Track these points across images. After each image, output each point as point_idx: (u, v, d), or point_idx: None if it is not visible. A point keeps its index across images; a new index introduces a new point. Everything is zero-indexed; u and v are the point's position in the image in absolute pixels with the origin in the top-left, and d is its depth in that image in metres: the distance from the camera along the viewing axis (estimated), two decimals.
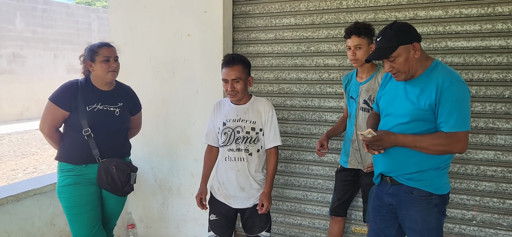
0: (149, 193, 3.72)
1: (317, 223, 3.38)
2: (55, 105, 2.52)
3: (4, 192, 2.79)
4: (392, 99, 2.18)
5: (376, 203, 2.32)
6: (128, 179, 2.63)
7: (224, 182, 2.57)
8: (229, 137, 2.53)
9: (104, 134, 2.57)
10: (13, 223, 2.81)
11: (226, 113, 2.56)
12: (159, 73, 3.53)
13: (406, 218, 2.17)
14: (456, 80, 1.98)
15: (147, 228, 3.77)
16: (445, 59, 2.87)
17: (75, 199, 2.54)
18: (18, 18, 13.82)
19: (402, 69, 2.03)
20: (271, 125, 2.54)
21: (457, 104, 1.96)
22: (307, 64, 3.27)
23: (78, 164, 2.55)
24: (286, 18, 3.29)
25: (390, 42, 2.02)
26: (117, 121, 2.64)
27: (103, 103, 2.59)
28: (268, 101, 2.62)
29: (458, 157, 2.90)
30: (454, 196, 2.94)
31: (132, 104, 2.82)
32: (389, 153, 2.13)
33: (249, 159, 2.52)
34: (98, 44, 2.63)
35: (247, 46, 3.44)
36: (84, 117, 2.51)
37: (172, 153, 3.57)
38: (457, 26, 2.84)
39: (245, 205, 2.58)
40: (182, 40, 3.42)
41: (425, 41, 2.90)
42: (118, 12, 3.64)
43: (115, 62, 2.60)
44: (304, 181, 3.38)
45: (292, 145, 3.38)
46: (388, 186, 2.21)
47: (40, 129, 2.59)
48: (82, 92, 2.55)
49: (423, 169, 2.07)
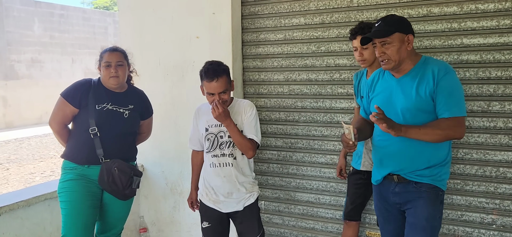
0: (161, 197, 3.70)
1: (330, 227, 3.31)
2: (66, 101, 2.55)
3: (15, 197, 2.80)
4: (387, 99, 2.17)
5: (383, 205, 2.30)
6: (130, 183, 2.61)
7: (213, 188, 2.52)
8: (212, 143, 2.47)
9: (110, 134, 2.57)
10: (25, 228, 2.82)
11: (208, 118, 2.47)
12: (169, 76, 3.51)
13: (411, 214, 2.16)
14: (450, 70, 2.08)
15: (159, 232, 3.75)
16: (461, 57, 2.77)
17: (74, 195, 2.52)
18: (36, 24, 14.08)
19: (393, 57, 2.07)
20: (251, 120, 2.43)
21: (455, 91, 2.05)
22: (318, 64, 3.20)
23: (82, 164, 2.55)
24: (295, 18, 3.22)
25: (389, 26, 2.08)
26: (125, 123, 2.63)
27: (114, 103, 2.60)
28: (249, 102, 2.54)
29: (477, 158, 2.79)
30: (473, 200, 2.83)
31: (143, 108, 2.81)
32: (399, 152, 2.14)
33: (234, 164, 2.46)
34: (105, 49, 2.64)
35: (256, 47, 3.39)
36: (92, 115, 2.52)
37: (182, 156, 3.54)
38: (473, 23, 2.73)
39: (235, 208, 2.51)
40: (191, 42, 3.39)
41: (440, 38, 2.81)
42: (128, 15, 3.64)
43: (117, 67, 2.59)
44: (317, 184, 3.31)
45: (304, 147, 3.31)
46: (394, 185, 2.20)
47: (49, 124, 2.61)
48: (93, 90, 2.59)
49: (432, 164, 2.12)
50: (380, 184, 2.28)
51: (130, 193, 2.66)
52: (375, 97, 2.25)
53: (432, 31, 2.82)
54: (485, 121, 2.76)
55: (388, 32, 2.06)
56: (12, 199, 2.77)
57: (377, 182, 2.29)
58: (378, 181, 2.28)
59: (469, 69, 2.76)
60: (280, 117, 3.38)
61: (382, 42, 2.07)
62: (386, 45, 2.07)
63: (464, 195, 2.85)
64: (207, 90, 2.39)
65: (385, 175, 2.24)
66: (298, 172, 3.36)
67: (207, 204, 2.55)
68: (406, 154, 2.13)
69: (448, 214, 2.88)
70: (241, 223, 2.54)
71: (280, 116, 3.37)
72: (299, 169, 3.36)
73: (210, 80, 2.35)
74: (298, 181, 3.37)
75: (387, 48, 2.07)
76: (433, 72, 2.05)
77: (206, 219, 2.58)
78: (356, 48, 2.64)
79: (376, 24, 2.13)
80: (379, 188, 2.30)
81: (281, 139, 3.38)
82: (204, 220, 2.59)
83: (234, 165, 2.46)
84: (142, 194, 3.77)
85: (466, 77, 2.76)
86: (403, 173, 2.16)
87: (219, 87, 2.35)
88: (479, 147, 2.79)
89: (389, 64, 2.10)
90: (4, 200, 2.77)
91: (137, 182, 2.69)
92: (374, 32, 2.11)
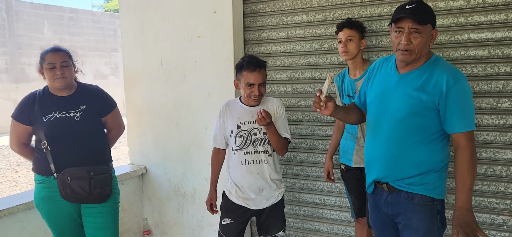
0: (164, 199, 3.67)
1: (335, 229, 3.23)
2: (16, 122, 2.46)
3: (15, 200, 2.79)
4: (383, 93, 2.00)
5: (377, 216, 2.13)
6: (94, 185, 2.40)
7: (242, 186, 2.48)
8: (245, 140, 2.44)
9: (63, 144, 2.42)
10: (25, 232, 2.80)
11: (239, 115, 2.47)
12: (171, 76, 3.47)
13: (406, 229, 1.97)
14: (461, 77, 1.87)
15: (162, 234, 3.72)
16: (468, 53, 2.68)
17: (52, 217, 2.49)
18: (46, 27, 14.21)
19: (417, 49, 1.85)
20: (282, 119, 2.48)
21: (467, 102, 1.87)
22: (321, 62, 3.13)
23: (47, 176, 2.45)
24: (297, 15, 3.16)
25: (426, 13, 1.86)
26: (78, 128, 2.44)
27: (62, 110, 2.44)
28: (279, 99, 2.55)
29: (486, 157, 2.70)
30: (482, 200, 2.74)
31: (99, 105, 2.58)
32: (385, 154, 1.96)
33: (268, 160, 2.46)
34: (45, 50, 2.47)
35: (258, 45, 3.33)
36: (41, 128, 2.41)
37: (185, 157, 3.50)
38: (480, 17, 2.64)
39: (264, 205, 2.50)
40: (192, 42, 3.34)
41: (446, 34, 2.72)
42: (130, 16, 3.61)
43: (63, 68, 2.42)
44: (321, 185, 3.24)
45: (308, 147, 3.25)
46: (385, 194, 2.02)
47: (10, 147, 2.53)
48: (39, 102, 2.44)
49: (424, 171, 1.91)
50: (373, 192, 2.10)
51: (101, 193, 2.45)
52: (372, 88, 2.08)
53: (438, 26, 2.69)
54: (494, 119, 2.66)
55: (424, 20, 1.83)
56: (12, 202, 2.76)
57: (370, 191, 2.11)
58: (370, 188, 2.10)
59: (476, 65, 2.67)
60: None
61: (414, 29, 1.82)
62: (416, 33, 1.82)
63: (473, 195, 2.72)
64: (247, 80, 2.37)
65: (373, 182, 2.06)
66: (303, 172, 3.29)
67: (235, 201, 2.52)
68: (391, 158, 1.95)
69: None
70: (266, 219, 2.53)
71: None
72: (303, 170, 3.29)
73: (253, 70, 2.35)
74: (303, 182, 3.31)
75: (415, 38, 1.82)
76: (442, 80, 1.84)
77: (229, 216, 2.54)
78: (340, 40, 2.65)
79: (408, 5, 1.84)
80: (373, 197, 2.12)
81: None
82: (226, 216, 2.55)
83: (269, 161, 2.46)
84: (145, 196, 3.75)
85: (474, 73, 2.67)
86: (391, 180, 1.96)
87: (261, 78, 2.37)
88: (488, 146, 2.69)
89: (410, 56, 1.86)
90: (4, 203, 2.76)
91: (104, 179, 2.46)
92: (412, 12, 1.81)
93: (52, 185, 2.44)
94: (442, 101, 1.85)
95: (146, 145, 3.68)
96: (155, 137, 3.63)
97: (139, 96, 3.64)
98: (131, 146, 3.75)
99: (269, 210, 2.52)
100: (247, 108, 2.48)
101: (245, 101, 2.49)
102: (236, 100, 2.55)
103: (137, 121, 3.67)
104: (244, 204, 2.50)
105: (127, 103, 3.70)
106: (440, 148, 1.95)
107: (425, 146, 1.92)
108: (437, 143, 1.94)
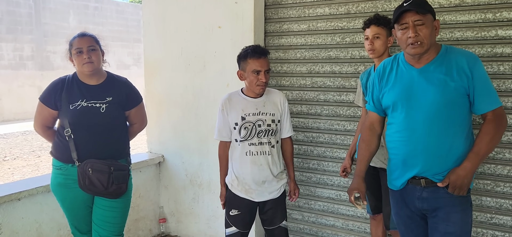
0: (180, 188, 3.69)
1: (351, 225, 3.20)
2: (43, 104, 2.47)
3: (34, 183, 2.84)
4: (407, 91, 1.96)
5: (405, 212, 2.09)
6: (113, 180, 2.40)
7: (245, 177, 2.48)
8: (250, 131, 2.44)
9: (86, 134, 2.42)
10: (44, 214, 2.86)
11: (243, 107, 2.46)
12: (191, 66, 3.48)
13: (443, 222, 1.95)
14: (475, 56, 1.94)
15: (178, 222, 3.75)
16: (495, 50, 2.60)
17: (66, 202, 2.51)
18: (71, 16, 14.45)
19: (425, 40, 1.88)
20: (287, 115, 2.55)
21: (489, 80, 1.91)
22: (342, 56, 3.09)
23: (66, 163, 2.46)
24: (320, 7, 3.12)
25: (424, 4, 1.91)
26: (103, 119, 2.44)
27: (89, 99, 2.43)
28: (281, 93, 2.58)
29: (509, 158, 2.62)
30: (504, 202, 2.66)
31: (125, 98, 2.56)
32: (426, 149, 1.93)
33: (272, 152, 2.46)
34: (73, 36, 2.48)
35: (279, 38, 3.30)
36: (66, 116, 2.41)
37: (202, 148, 3.51)
38: (509, 13, 2.55)
39: (267, 197, 2.51)
40: (213, 32, 3.34)
41: (473, 30, 2.64)
42: (152, 5, 3.63)
43: (90, 52, 2.41)
44: (338, 180, 3.20)
45: (325, 141, 3.21)
46: (420, 189, 1.98)
47: (34, 127, 2.56)
48: (67, 89, 2.44)
49: (461, 160, 1.91)
50: (403, 189, 2.06)
51: (117, 190, 2.45)
52: (391, 90, 2.03)
53: (464, 21, 2.66)
54: None
55: (424, 10, 1.88)
56: (32, 184, 2.81)
57: (399, 187, 2.07)
58: (402, 185, 2.05)
59: (503, 63, 2.58)
60: (301, 110, 3.28)
61: (417, 21, 1.86)
62: (420, 25, 1.86)
63: (494, 196, 2.68)
64: (254, 67, 2.39)
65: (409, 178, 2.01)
66: (319, 167, 3.26)
67: (238, 193, 2.52)
68: (433, 152, 1.92)
69: (476, 216, 2.72)
70: (268, 210, 2.54)
71: (302, 109, 3.28)
72: (320, 164, 3.26)
73: (259, 56, 2.39)
74: (319, 177, 3.27)
75: (421, 29, 1.86)
76: (462, 63, 1.88)
77: (236, 207, 2.54)
78: (367, 37, 2.58)
79: (406, 2, 1.89)
80: (401, 194, 2.07)
81: (303, 132, 3.29)
82: (233, 207, 2.55)
83: (271, 153, 2.47)
84: (162, 184, 3.78)
85: (501, 72, 2.59)
86: (431, 174, 1.94)
87: (266, 64, 2.42)
88: None
89: (421, 48, 1.88)
90: (25, 185, 2.82)
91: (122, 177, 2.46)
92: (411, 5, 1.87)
93: (69, 172, 2.45)
94: (471, 84, 1.88)
95: (164, 134, 3.70)
96: (173, 127, 3.65)
97: (159, 85, 3.66)
98: (150, 135, 3.78)
99: (272, 202, 2.52)
100: (250, 100, 2.48)
101: (247, 92, 2.49)
102: (237, 92, 2.53)
103: (156, 110, 3.69)
104: (247, 197, 2.50)
105: (147, 92, 3.73)
106: (471, 138, 1.97)
107: (460, 137, 1.93)
108: (469, 134, 1.96)
